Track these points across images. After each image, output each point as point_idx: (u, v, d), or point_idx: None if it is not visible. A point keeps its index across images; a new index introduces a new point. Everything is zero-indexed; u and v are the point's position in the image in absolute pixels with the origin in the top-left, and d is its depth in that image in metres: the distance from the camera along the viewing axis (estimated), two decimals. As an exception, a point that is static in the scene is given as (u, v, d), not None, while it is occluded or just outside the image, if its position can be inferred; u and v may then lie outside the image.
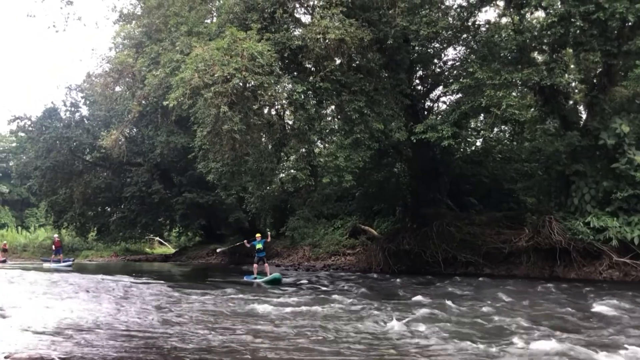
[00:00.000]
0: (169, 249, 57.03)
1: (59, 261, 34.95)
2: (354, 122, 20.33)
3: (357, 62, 21.35)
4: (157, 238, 57.81)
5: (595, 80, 22.18)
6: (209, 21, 23.27)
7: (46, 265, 34.29)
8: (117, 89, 29.28)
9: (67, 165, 38.30)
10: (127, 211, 40.76)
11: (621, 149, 20.11)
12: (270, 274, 22.72)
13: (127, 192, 38.98)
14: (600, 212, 20.67)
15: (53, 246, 36.93)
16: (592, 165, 21.23)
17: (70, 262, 34.83)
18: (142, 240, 51.66)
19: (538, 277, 21.70)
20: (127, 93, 27.99)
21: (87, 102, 39.16)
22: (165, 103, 18.93)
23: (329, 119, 24.48)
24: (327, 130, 23.30)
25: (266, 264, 23.37)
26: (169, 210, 39.69)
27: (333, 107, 22.90)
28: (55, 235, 39.08)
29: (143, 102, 25.36)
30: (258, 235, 23.66)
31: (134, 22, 28.48)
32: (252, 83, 17.41)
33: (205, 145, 20.12)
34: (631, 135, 20.07)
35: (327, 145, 25.83)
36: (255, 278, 22.58)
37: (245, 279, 23.02)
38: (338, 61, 20.58)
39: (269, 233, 24.40)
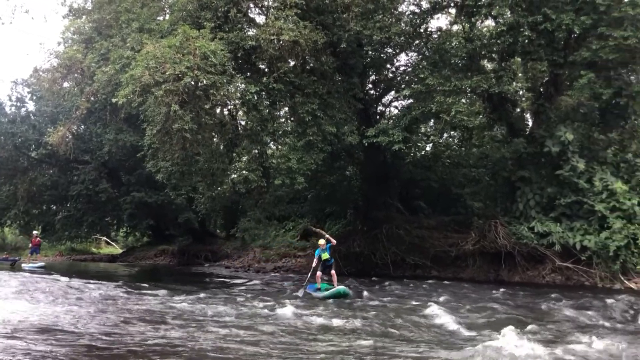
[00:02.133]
0: (116, 249, 55.90)
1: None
2: (307, 125, 20.40)
3: (311, 65, 21.43)
4: (104, 238, 56.55)
5: (541, 89, 22.81)
6: (161, 18, 22.94)
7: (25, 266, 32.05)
8: (65, 84, 28.55)
9: (11, 162, 37.07)
10: (73, 210, 39.66)
11: (565, 157, 20.67)
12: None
13: (73, 190, 37.96)
14: (544, 217, 21.22)
15: (30, 244, 35.00)
16: (537, 172, 21.76)
17: (42, 264, 32.63)
18: (89, 239, 50.42)
19: (484, 280, 22.16)
20: (75, 89, 27.30)
21: (34, 98, 37.94)
22: (114, 100, 18.63)
23: (282, 120, 24.50)
24: (280, 132, 23.33)
25: (334, 273, 17.79)
26: (117, 209, 38.89)
27: (286, 108, 22.93)
28: (35, 232, 37.31)
29: (92, 98, 24.82)
30: (322, 242, 18.21)
31: (84, 17, 27.81)
32: (204, 82, 17.25)
33: (155, 144, 19.81)
34: (575, 143, 20.65)
35: (279, 146, 25.83)
36: (319, 290, 17.72)
37: (308, 290, 17.92)
38: (292, 63, 20.61)
39: (328, 236, 19.03)
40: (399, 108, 26.51)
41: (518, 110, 25.09)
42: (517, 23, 19.34)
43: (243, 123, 22.32)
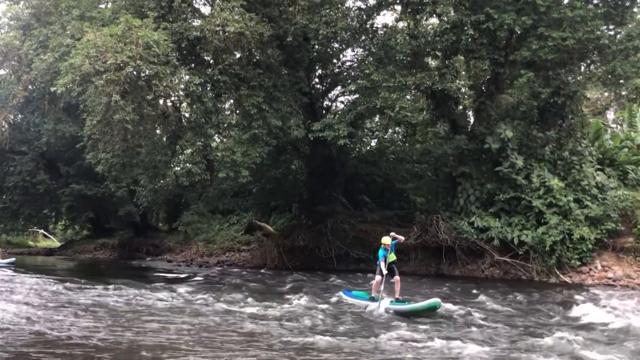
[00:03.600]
0: (54, 243, 54.54)
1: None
2: (252, 118, 20.30)
3: (257, 58, 21.32)
4: (42, 231, 55.09)
5: (483, 87, 23.33)
6: (103, 6, 22.36)
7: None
8: (1, 72, 27.67)
9: (-60, 151, 35.62)
10: (9, 202, 38.44)
11: (505, 153, 21.20)
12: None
13: (9, 181, 36.82)
14: (484, 212, 21.73)
15: None
16: (478, 168, 22.24)
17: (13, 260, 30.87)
18: (25, 232, 49.07)
19: (425, 274, 22.56)
20: (12, 77, 26.44)
21: (-33, 84, 36.53)
22: (53, 89, 18.17)
23: (227, 113, 24.37)
24: (225, 125, 23.17)
25: (397, 279, 13.99)
26: (55, 201, 37.96)
27: (231, 101, 22.78)
28: None
29: (29, 87, 24.14)
30: (385, 240, 13.98)
31: (22, 2, 26.91)
32: (147, 72, 17.03)
33: (95, 134, 19.39)
34: (514, 141, 21.21)
35: (224, 139, 25.58)
36: (380, 300, 13.58)
37: (371, 307, 13.81)
38: (237, 55, 20.48)
39: (394, 233, 14.79)
40: (345, 103, 26.65)
41: (460, 107, 25.61)
42: (461, 22, 19.69)
43: (187, 115, 22.07)
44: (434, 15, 21.73)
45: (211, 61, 20.65)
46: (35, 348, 8.68)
